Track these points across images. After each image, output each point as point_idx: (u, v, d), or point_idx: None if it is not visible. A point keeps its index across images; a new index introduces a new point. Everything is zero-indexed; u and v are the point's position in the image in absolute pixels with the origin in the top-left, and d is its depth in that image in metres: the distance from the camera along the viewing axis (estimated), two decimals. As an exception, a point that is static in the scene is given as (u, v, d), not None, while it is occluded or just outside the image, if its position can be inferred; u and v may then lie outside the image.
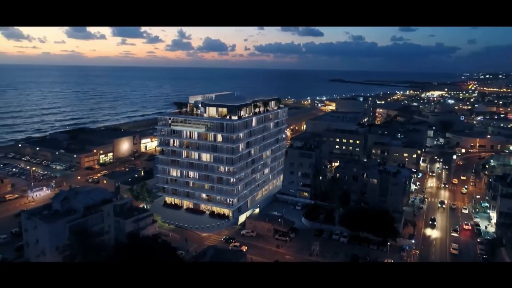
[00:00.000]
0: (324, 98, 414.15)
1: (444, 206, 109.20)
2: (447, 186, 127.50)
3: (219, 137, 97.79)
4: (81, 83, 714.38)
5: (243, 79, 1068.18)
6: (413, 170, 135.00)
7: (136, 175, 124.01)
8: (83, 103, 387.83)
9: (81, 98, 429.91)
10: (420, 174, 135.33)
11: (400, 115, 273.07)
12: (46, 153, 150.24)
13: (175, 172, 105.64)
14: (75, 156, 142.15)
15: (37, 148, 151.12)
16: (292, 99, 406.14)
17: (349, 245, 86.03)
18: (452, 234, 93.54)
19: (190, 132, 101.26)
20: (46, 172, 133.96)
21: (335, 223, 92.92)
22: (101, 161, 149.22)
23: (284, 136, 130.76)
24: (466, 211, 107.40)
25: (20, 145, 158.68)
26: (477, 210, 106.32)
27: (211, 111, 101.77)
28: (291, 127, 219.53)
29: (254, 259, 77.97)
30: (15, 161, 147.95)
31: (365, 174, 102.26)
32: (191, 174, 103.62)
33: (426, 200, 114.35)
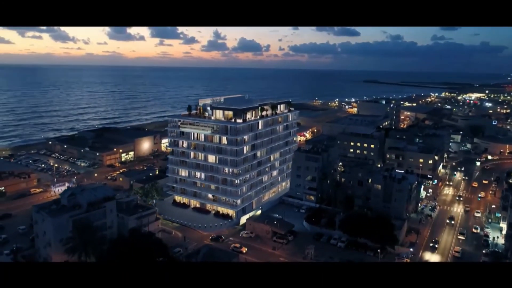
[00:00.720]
0: (353, 100, 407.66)
1: (453, 222, 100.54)
2: (461, 198, 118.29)
3: (224, 140, 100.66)
4: (119, 83, 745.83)
5: (275, 79, 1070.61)
6: (428, 176, 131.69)
7: (150, 174, 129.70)
8: (117, 102, 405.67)
9: (116, 98, 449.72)
10: (436, 181, 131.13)
11: (429, 119, 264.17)
12: (73, 150, 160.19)
13: (184, 172, 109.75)
14: (97, 154, 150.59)
15: (65, 146, 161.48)
16: (320, 101, 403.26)
17: (345, 250, 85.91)
18: (459, 237, 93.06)
19: (197, 134, 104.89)
20: (70, 169, 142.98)
21: (335, 228, 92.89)
22: (122, 159, 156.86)
23: (294, 138, 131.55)
24: (479, 215, 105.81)
25: (50, 142, 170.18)
26: (489, 220, 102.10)
27: (218, 114, 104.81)
28: (312, 129, 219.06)
29: (248, 259, 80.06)
30: (45, 157, 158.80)
31: (369, 179, 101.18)
32: (198, 174, 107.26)
33: (437, 208, 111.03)
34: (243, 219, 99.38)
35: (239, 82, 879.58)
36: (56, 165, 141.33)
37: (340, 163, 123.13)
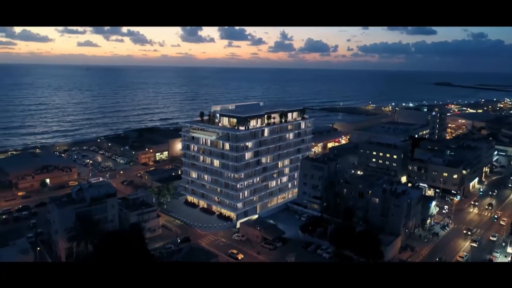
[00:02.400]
0: (411, 105, 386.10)
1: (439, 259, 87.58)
2: (470, 232, 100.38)
3: (227, 146, 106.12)
4: (185, 84, 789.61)
5: (340, 81, 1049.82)
6: (452, 191, 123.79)
7: (173, 174, 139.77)
8: (176, 103, 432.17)
9: (176, 99, 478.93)
10: (458, 197, 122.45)
11: (486, 128, 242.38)
12: (116, 148, 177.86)
13: (194, 174, 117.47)
14: (133, 152, 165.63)
15: (109, 144, 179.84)
16: (374, 105, 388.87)
17: (328, 261, 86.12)
18: (472, 244, 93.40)
19: (205, 139, 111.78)
20: (109, 165, 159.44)
21: (327, 238, 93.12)
22: (157, 159, 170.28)
23: (308, 146, 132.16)
24: (504, 223, 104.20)
25: (98, 140, 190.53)
26: (504, 244, 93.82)
27: (225, 121, 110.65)
28: (348, 136, 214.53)
29: (230, 260, 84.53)
30: (94, 153, 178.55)
31: (369, 192, 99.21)
32: (205, 177, 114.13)
33: (450, 226, 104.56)
34: (239, 223, 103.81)
35: (300, 84, 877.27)
36: (90, 161, 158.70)
37: (350, 173, 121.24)
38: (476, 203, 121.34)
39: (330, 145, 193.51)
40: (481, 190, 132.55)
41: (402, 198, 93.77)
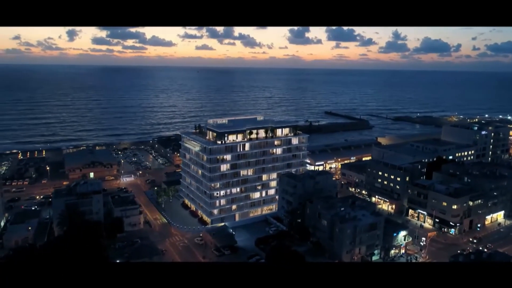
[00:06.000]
0: (509, 117, 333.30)
1: None
2: None
3: (204, 157, 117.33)
4: (279, 87, 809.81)
5: (456, 85, 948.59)
6: (451, 223, 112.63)
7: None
8: (252, 109, 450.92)
9: (258, 103, 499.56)
10: (453, 230, 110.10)
11: None
12: (161, 149, 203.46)
13: (188, 180, 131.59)
14: (168, 155, 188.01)
15: (156, 145, 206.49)
16: (460, 116, 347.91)
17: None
18: None
19: (193, 150, 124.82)
20: (147, 164, 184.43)
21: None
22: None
23: (302, 161, 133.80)
24: None
25: (151, 141, 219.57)
26: None
27: (210, 134, 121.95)
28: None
29: (175, 259, 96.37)
30: (146, 153, 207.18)
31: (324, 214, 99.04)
32: (193, 183, 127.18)
33: (418, 260, 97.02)
34: (205, 228, 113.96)
35: (402, 89, 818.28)
36: (123, 160, 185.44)
37: (335, 192, 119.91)
38: (475, 240, 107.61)
39: (365, 159, 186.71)
40: (478, 226, 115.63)
41: (347, 224, 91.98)
